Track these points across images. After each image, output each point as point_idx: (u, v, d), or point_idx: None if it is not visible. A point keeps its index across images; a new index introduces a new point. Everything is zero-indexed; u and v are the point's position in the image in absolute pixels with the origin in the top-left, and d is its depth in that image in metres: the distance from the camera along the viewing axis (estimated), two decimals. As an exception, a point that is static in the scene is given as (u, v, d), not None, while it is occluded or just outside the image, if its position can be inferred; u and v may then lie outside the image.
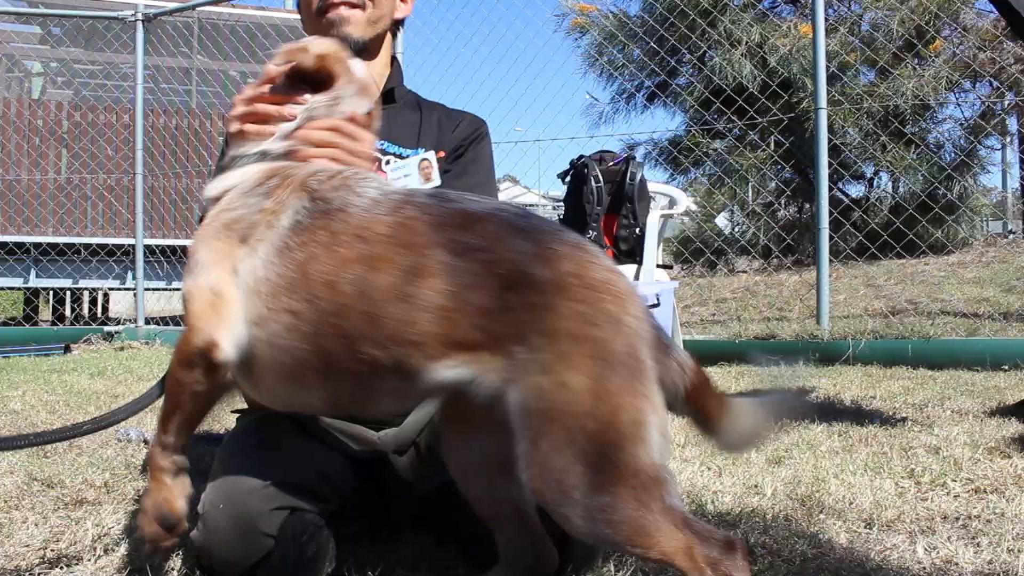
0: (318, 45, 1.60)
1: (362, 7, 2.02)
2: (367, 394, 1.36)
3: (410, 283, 1.25)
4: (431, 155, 2.03)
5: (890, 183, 10.87)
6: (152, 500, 1.42)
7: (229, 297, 1.35)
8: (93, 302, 15.32)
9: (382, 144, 2.05)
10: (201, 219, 1.53)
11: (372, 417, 1.75)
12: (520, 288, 1.23)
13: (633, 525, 1.18)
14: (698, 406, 1.36)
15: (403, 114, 2.13)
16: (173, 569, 1.69)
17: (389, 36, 2.17)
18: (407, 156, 2.05)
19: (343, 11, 1.99)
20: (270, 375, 1.38)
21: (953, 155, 9.95)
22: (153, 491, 1.43)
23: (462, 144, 2.11)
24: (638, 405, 1.21)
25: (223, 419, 2.68)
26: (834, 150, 7.82)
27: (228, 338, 1.34)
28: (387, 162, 2.04)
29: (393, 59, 2.21)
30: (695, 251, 10.03)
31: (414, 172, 2.01)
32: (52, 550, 1.80)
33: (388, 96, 2.11)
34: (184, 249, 9.47)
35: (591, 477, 1.18)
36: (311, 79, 1.57)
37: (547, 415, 1.20)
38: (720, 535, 1.21)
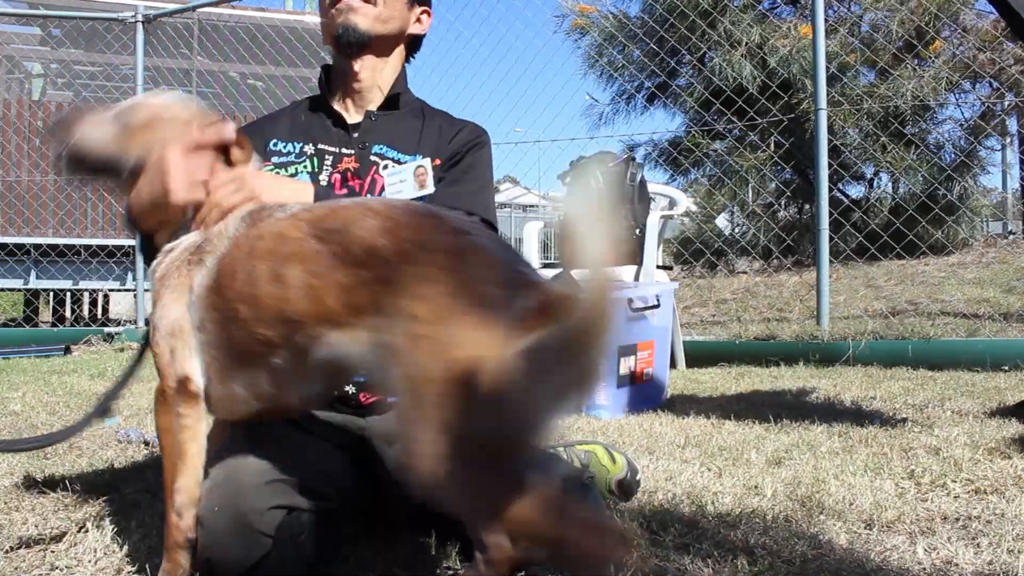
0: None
1: (373, 2, 2.03)
2: (279, 379, 1.47)
3: (284, 267, 1.41)
4: (427, 162, 2.03)
5: (890, 184, 10.88)
6: None
7: (185, 327, 1.52)
8: (93, 303, 15.33)
9: (382, 149, 2.06)
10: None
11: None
12: (369, 262, 1.33)
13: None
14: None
15: (405, 120, 2.13)
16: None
17: (402, 49, 2.18)
18: (404, 162, 2.06)
19: (352, 1, 2.02)
20: (213, 375, 1.51)
21: (953, 156, 9.96)
22: (170, 572, 1.51)
23: (459, 151, 2.10)
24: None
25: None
26: (834, 151, 7.82)
27: (193, 365, 1.51)
28: (384, 166, 2.05)
29: (403, 76, 2.21)
30: (695, 252, 10.04)
31: (409, 178, 2.02)
32: (53, 551, 1.80)
33: (392, 102, 2.13)
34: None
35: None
36: None
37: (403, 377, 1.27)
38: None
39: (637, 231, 4.66)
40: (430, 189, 2.01)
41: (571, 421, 3.53)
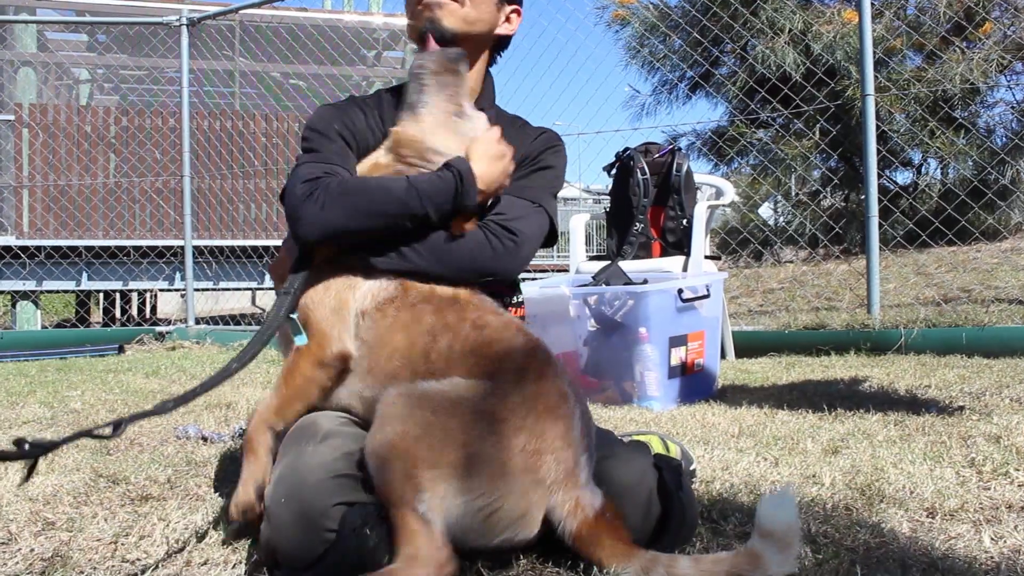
0: None
1: (460, 1, 2.03)
2: None
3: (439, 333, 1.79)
4: None
5: (939, 169, 10.70)
6: (251, 471, 1.75)
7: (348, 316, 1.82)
8: (142, 303, 15.60)
9: None
10: None
11: None
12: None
13: None
14: None
15: None
16: (240, 562, 1.72)
17: (487, 53, 2.18)
18: None
19: (433, 5, 2.01)
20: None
21: (1005, 139, 9.76)
22: (252, 463, 1.76)
23: (531, 154, 2.12)
24: None
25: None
26: (881, 137, 7.71)
27: (352, 346, 1.79)
28: None
29: (487, 76, 2.21)
30: (741, 241, 9.96)
31: None
32: (123, 544, 1.84)
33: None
34: (231, 249, 9.61)
35: None
36: None
37: None
38: None
39: (684, 221, 4.63)
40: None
41: (624, 412, 3.53)
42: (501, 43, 2.22)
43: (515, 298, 2.12)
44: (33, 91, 12.05)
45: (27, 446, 1.34)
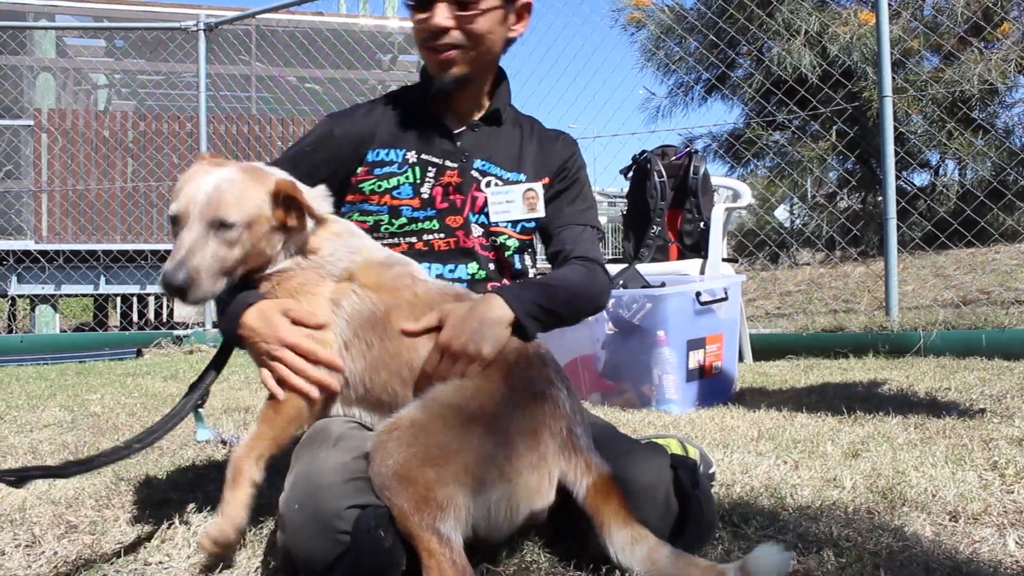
0: None
1: (463, 48, 2.02)
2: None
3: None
4: (538, 186, 2.10)
5: (956, 171, 10.63)
6: (233, 505, 1.68)
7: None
8: (159, 307, 15.67)
9: (484, 165, 2.10)
10: None
11: None
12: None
13: None
14: None
15: (506, 132, 2.17)
16: (258, 568, 1.72)
17: (497, 61, 2.19)
18: (508, 180, 2.11)
19: (443, 56, 2.03)
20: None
21: (1024, 140, 9.70)
22: (235, 495, 1.69)
23: (566, 167, 2.19)
24: None
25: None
26: (899, 138, 7.66)
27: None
28: (487, 183, 2.09)
29: (501, 77, 2.22)
30: (757, 244, 9.92)
31: (518, 200, 2.09)
32: (145, 547, 1.85)
33: (494, 116, 2.16)
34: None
35: None
36: None
37: None
38: None
39: (701, 224, 4.62)
40: (540, 213, 2.10)
41: (642, 416, 3.53)
42: (510, 43, 2.19)
43: None
44: (52, 96, 12.13)
45: None
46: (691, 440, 2.38)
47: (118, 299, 10.78)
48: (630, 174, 4.84)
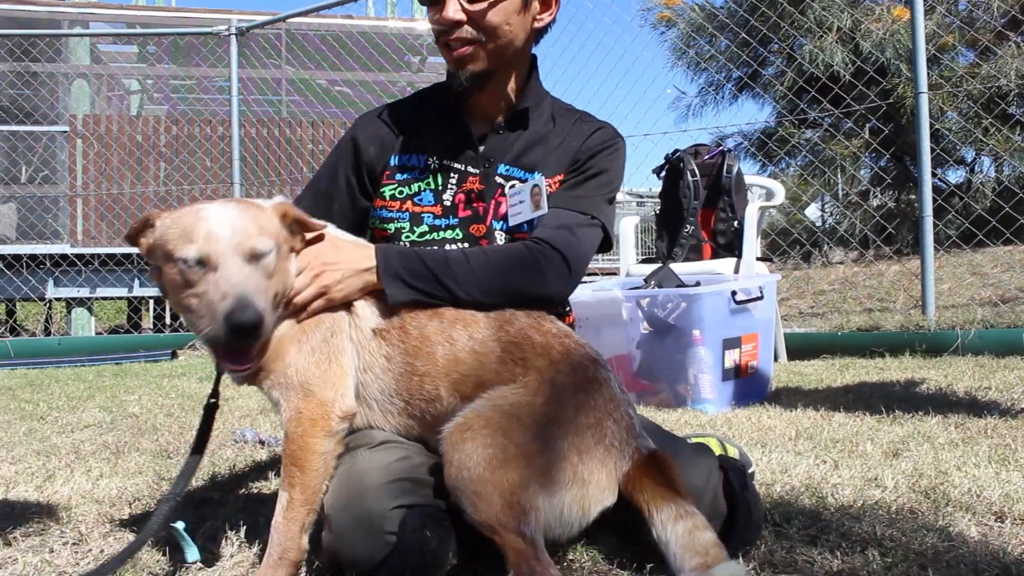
0: None
1: (478, 43, 1.95)
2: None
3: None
4: (542, 182, 1.97)
5: (992, 167, 10.48)
6: None
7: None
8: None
9: (507, 169, 2.02)
10: None
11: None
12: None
13: None
14: None
15: (534, 134, 2.07)
16: (303, 569, 1.73)
17: (527, 53, 2.09)
18: (526, 180, 2.02)
19: (456, 52, 1.96)
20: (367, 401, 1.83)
21: (1064, 135, 9.53)
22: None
23: (578, 159, 2.04)
24: None
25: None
26: (934, 135, 7.57)
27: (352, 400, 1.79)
28: (511, 186, 2.01)
29: (533, 70, 2.12)
30: (791, 242, 9.84)
31: (527, 199, 1.99)
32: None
33: (520, 118, 2.06)
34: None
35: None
36: None
37: None
38: None
39: (735, 223, 4.59)
40: (543, 210, 1.96)
41: (678, 415, 3.51)
42: (540, 33, 2.11)
43: (565, 307, 2.10)
44: (87, 102, 12.28)
45: None
46: (730, 439, 2.37)
47: (151, 301, 10.89)
48: (663, 173, 4.82)
